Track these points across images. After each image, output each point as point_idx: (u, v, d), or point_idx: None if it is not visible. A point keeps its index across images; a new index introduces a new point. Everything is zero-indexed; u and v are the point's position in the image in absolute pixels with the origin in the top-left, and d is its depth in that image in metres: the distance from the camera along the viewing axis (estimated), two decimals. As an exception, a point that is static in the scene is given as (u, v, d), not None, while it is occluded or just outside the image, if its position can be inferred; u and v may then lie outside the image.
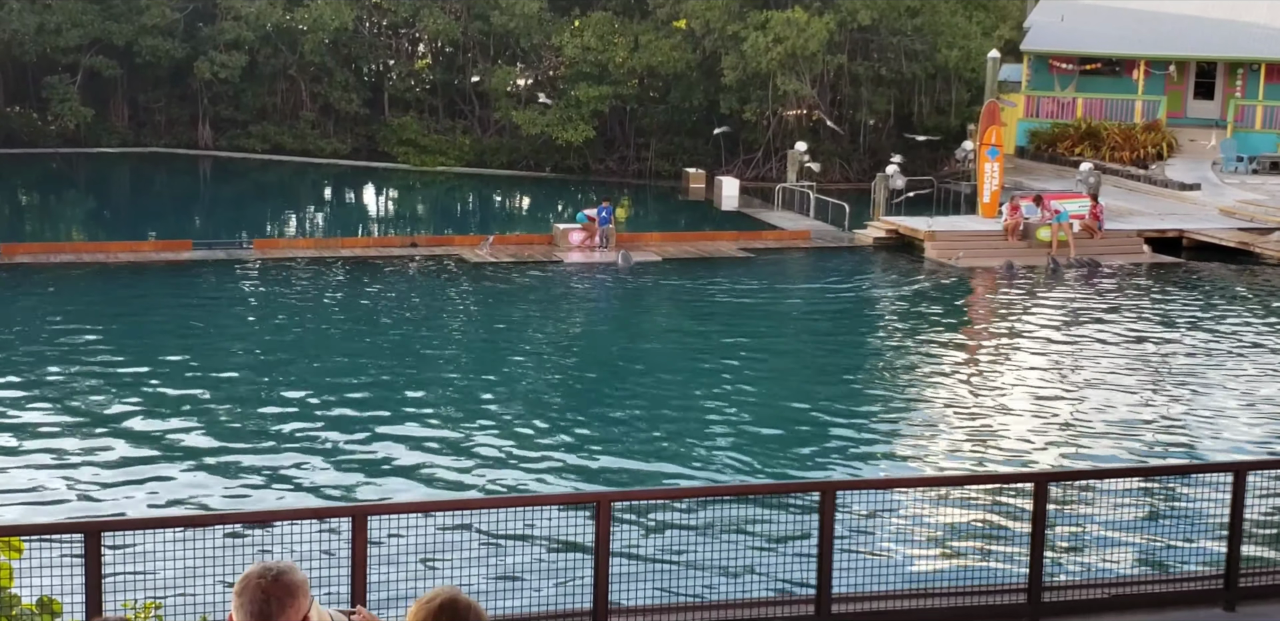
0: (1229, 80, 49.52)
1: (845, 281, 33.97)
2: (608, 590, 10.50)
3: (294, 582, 4.97)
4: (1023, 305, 30.83)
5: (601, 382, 23.94)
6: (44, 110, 53.63)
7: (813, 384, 24.05)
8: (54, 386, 22.38)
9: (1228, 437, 20.93)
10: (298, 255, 34.48)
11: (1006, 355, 26.24)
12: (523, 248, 35.93)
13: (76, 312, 28.06)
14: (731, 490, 16.38)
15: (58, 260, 32.98)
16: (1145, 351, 26.46)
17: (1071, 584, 12.05)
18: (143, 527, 10.44)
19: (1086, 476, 14.83)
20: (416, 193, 50.24)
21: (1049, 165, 46.76)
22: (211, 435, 19.98)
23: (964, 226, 37.32)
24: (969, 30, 48.72)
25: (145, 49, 51.79)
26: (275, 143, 53.43)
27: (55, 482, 17.83)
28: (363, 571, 9.79)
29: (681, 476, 18.69)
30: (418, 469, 18.67)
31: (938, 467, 19.20)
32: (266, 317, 28.32)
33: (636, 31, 49.65)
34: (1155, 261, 35.76)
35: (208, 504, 17.08)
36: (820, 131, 49.69)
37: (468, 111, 54.26)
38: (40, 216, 44.09)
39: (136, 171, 51.98)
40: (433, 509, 11.67)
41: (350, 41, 53.49)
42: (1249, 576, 11.66)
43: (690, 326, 28.45)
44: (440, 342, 26.71)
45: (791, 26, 45.33)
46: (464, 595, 5.33)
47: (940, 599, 11.46)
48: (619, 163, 52.24)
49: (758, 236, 38.26)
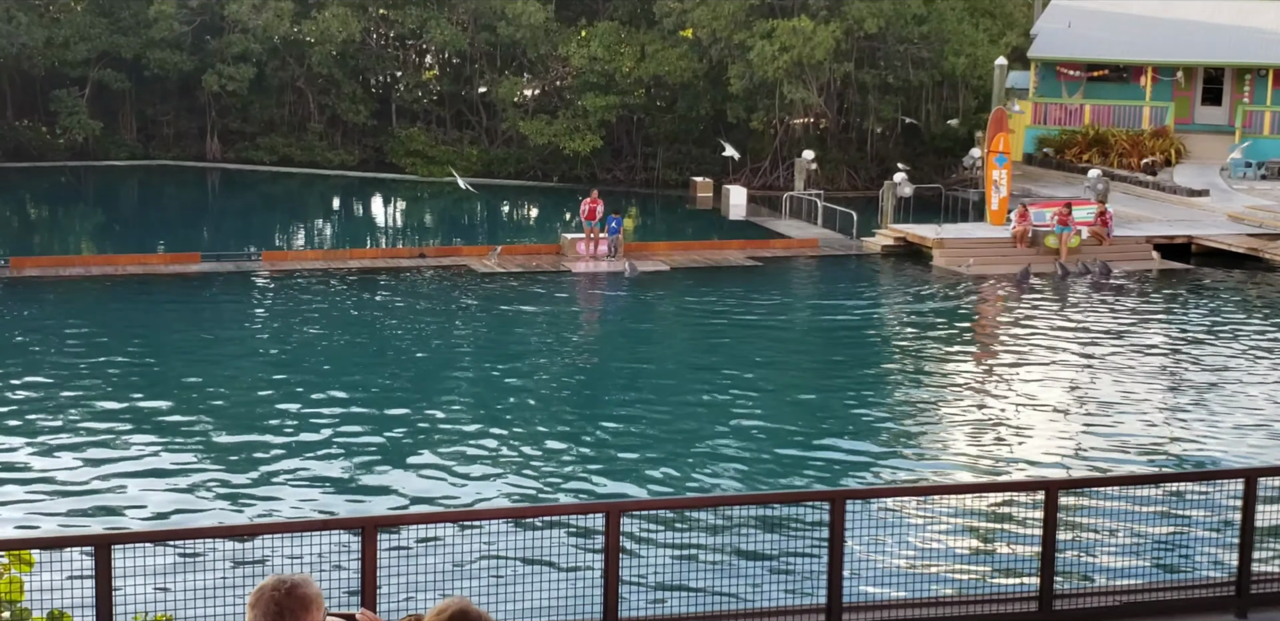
0: (1237, 86, 49.47)
1: (853, 290, 33.94)
2: (618, 600, 10.50)
3: (308, 595, 4.99)
4: (1033, 312, 30.79)
5: (611, 392, 23.93)
6: (53, 123, 53.78)
7: (822, 392, 24.03)
8: (63, 399, 22.40)
9: (1240, 444, 20.87)
10: (306, 267, 34.49)
11: (1017, 363, 26.20)
12: (531, 258, 35.95)
13: (85, 326, 28.10)
14: (742, 499, 16.36)
15: (66, 273, 33.03)
16: (1156, 358, 26.41)
17: (1082, 592, 12.01)
18: (153, 540, 10.44)
19: (1097, 484, 14.80)
20: (424, 204, 50.29)
21: (1057, 172, 46.71)
22: (221, 447, 20.00)
23: (972, 234, 37.30)
24: (976, 37, 48.71)
25: (153, 62, 51.93)
26: (283, 155, 53.51)
27: (65, 495, 17.85)
28: (373, 582, 9.79)
29: (692, 486, 18.68)
30: (428, 480, 18.67)
31: (948, 476, 19.17)
32: (275, 329, 28.35)
33: (643, 41, 49.70)
34: (1165, 267, 35.74)
35: (217, 516, 17.09)
36: (827, 140, 49.69)
37: (475, 122, 54.32)
38: (49, 230, 44.16)
39: (145, 184, 52.07)
40: (442, 519, 11.66)
41: (358, 53, 53.58)
42: (1260, 583, 11.63)
43: (698, 336, 28.44)
44: (449, 353, 26.72)
45: (798, 35, 45.35)
46: (474, 606, 5.33)
47: (951, 607, 11.44)
48: (626, 172, 52.26)
49: (765, 245, 38.25)
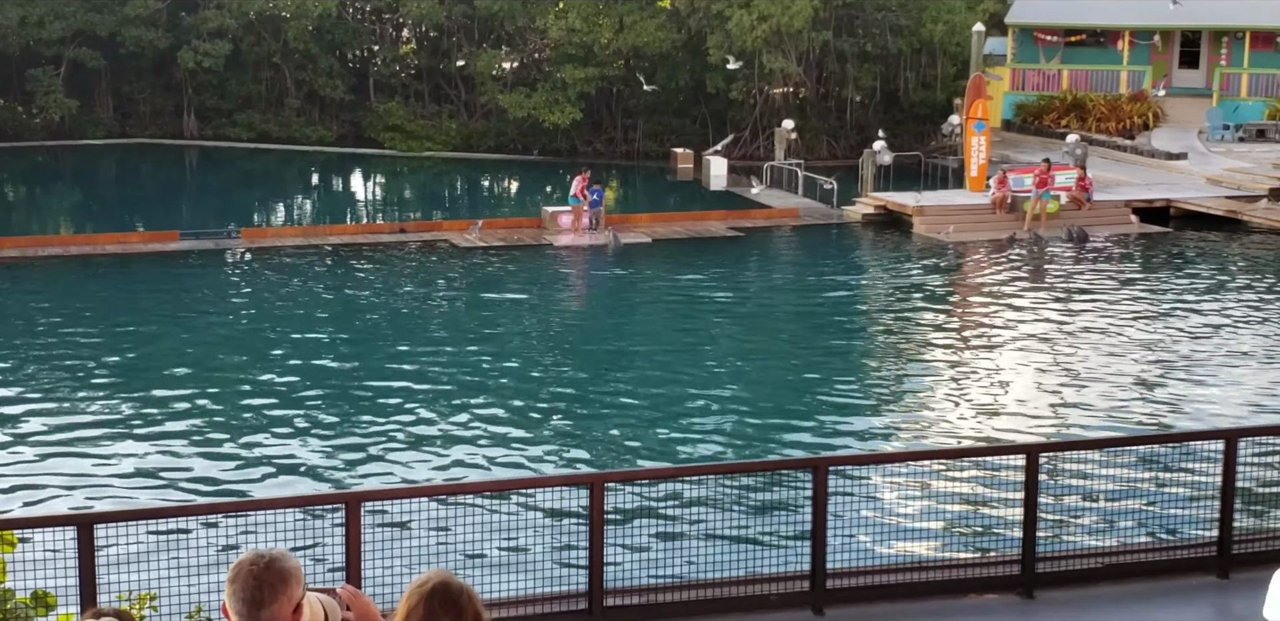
0: (1214, 49, 49.46)
1: (834, 259, 33.97)
2: (603, 570, 10.53)
3: (286, 569, 4.98)
4: (1012, 279, 30.85)
5: (594, 364, 23.94)
6: (28, 103, 53.40)
7: (803, 361, 24.07)
8: (43, 379, 22.36)
9: (1220, 406, 20.98)
10: (286, 243, 34.36)
11: (997, 329, 26.26)
12: (512, 231, 35.88)
13: (65, 305, 28.01)
14: (724, 468, 16.42)
15: (45, 253, 32.89)
16: (1136, 322, 26.49)
17: (1065, 554, 12.08)
18: (135, 519, 10.44)
19: (1078, 447, 14.85)
20: (404, 178, 50.13)
21: (1035, 137, 46.71)
22: (201, 425, 19.99)
23: (952, 201, 37.30)
24: (953, 4, 48.57)
25: (128, 39, 51.56)
26: (261, 131, 53.24)
27: (46, 475, 17.83)
28: (357, 557, 9.81)
29: (676, 456, 18.73)
30: (410, 453, 18.69)
31: (930, 441, 19.24)
32: (255, 306, 28.28)
33: (621, 12, 49.48)
34: (1144, 231, 35.80)
35: (199, 494, 17.10)
36: (806, 109, 49.60)
37: (454, 96, 54.09)
38: (27, 209, 43.96)
39: (122, 163, 51.81)
40: (426, 493, 11.67)
41: (334, 28, 53.26)
42: (1242, 543, 11.70)
43: (681, 307, 28.44)
44: (431, 328, 26.69)
45: (776, 4, 45.22)
46: (456, 578, 5.35)
47: (935, 572, 11.50)
48: (606, 144, 52.11)
49: (747, 215, 38.23)
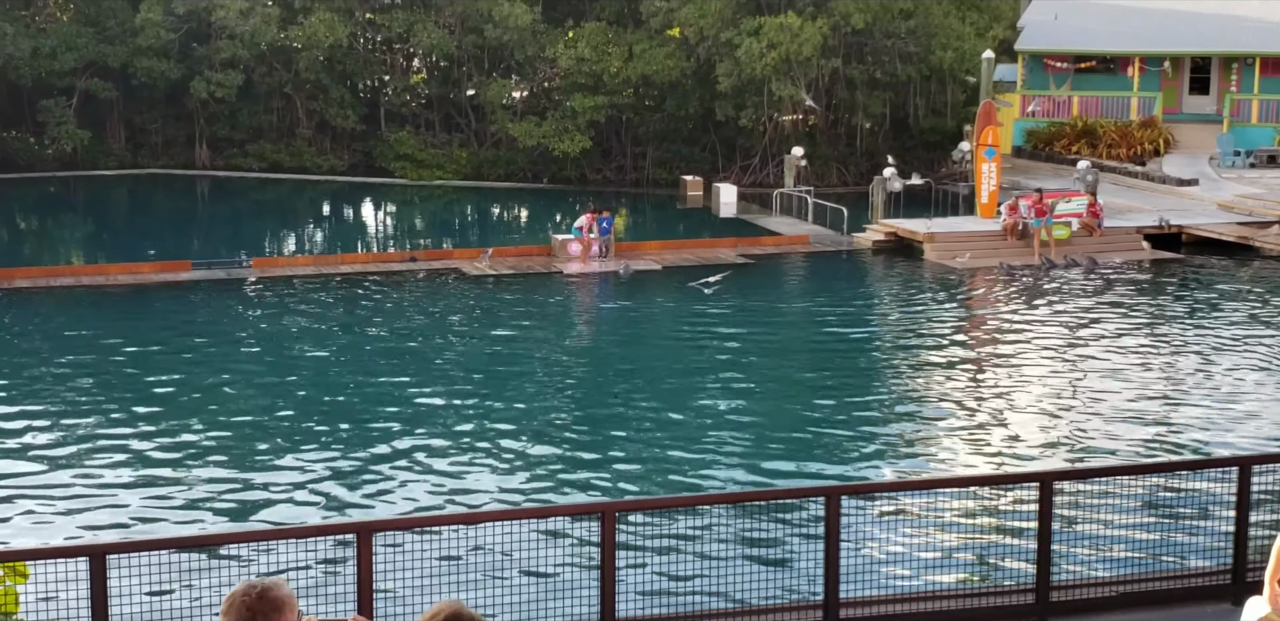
0: (1224, 75, 49.50)
1: (845, 286, 33.96)
2: (615, 600, 10.48)
3: (279, 598, 4.96)
4: (1025, 306, 30.80)
5: (605, 393, 23.92)
6: (40, 134, 53.63)
7: (815, 389, 24.03)
8: (56, 409, 22.36)
9: (1234, 433, 20.90)
10: (297, 272, 34.42)
11: (1010, 356, 26.21)
12: (522, 259, 35.93)
13: (76, 336, 28.03)
14: (736, 497, 16.35)
15: (57, 284, 32.95)
16: (1148, 349, 26.43)
17: (1079, 583, 12.02)
18: (147, 549, 10.39)
19: (1091, 475, 14.77)
20: (414, 207, 50.24)
21: (1046, 164, 46.72)
22: (214, 455, 19.98)
23: (963, 227, 37.30)
24: (963, 31, 48.71)
25: (140, 70, 51.80)
26: (272, 161, 53.42)
27: (58, 506, 17.82)
28: (368, 588, 9.78)
29: (687, 485, 18.67)
30: (422, 483, 18.66)
31: (943, 470, 19.17)
32: (266, 336, 28.30)
33: (630, 41, 49.67)
34: (1155, 257, 35.75)
35: (212, 524, 17.07)
36: (816, 136, 49.68)
37: (464, 125, 54.26)
38: (39, 240, 44.09)
39: (134, 193, 51.98)
40: (437, 523, 11.65)
41: (345, 58, 53.48)
42: (1257, 570, 11.62)
43: (692, 335, 28.42)
44: (442, 357, 26.68)
45: (785, 32, 45.34)
46: (468, 609, 5.32)
47: (948, 600, 11.44)
48: (616, 172, 52.23)
49: (757, 242, 38.25)
